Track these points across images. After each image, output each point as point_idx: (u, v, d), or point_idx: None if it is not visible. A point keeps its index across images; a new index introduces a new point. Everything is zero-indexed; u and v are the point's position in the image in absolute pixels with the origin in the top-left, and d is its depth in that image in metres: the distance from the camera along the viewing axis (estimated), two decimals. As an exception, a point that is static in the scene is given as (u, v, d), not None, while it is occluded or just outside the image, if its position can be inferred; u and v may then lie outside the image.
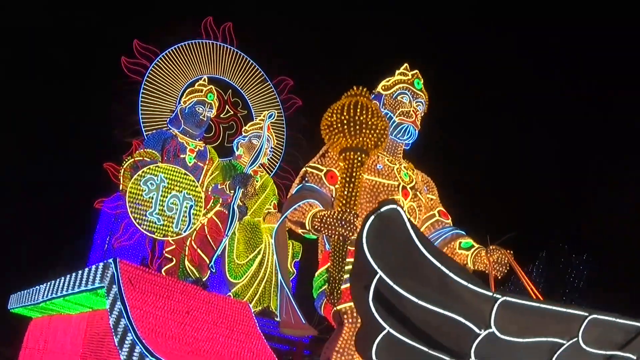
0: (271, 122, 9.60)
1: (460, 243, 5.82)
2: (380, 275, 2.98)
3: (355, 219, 4.78)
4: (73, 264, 9.61)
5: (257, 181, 9.23)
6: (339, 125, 5.06)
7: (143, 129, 9.43)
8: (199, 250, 8.13)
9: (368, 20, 14.41)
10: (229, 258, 8.57)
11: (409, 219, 3.23)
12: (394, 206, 3.21)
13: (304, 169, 5.64)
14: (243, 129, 9.78)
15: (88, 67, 13.47)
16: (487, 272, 5.51)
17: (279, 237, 5.43)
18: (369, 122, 5.05)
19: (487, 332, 3.10)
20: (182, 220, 7.24)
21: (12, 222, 12.87)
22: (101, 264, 5.86)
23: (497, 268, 5.39)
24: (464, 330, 3.12)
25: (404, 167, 5.99)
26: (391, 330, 3.01)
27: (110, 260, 5.60)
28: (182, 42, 10.00)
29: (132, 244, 7.57)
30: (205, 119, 8.99)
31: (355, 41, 13.83)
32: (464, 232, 6.06)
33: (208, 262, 7.96)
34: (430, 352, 3.11)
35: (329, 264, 5.04)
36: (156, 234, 7.13)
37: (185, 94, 9.28)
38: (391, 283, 2.97)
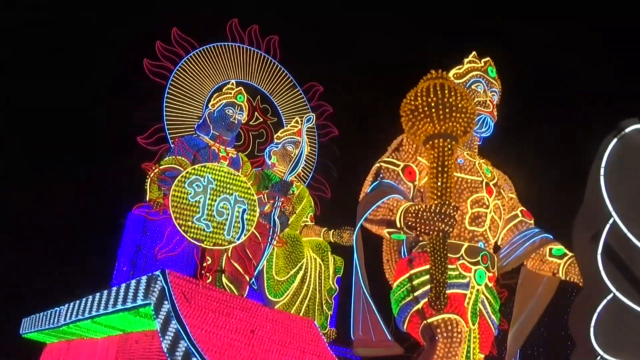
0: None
1: (551, 250, 5.34)
2: (614, 221, 2.25)
3: (455, 212, 4.26)
4: (92, 283, 8.84)
5: (292, 191, 8.53)
6: (426, 109, 4.54)
7: (168, 136, 8.73)
8: (237, 265, 7.35)
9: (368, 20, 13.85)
10: (268, 274, 7.81)
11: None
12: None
13: (376, 164, 5.06)
14: (275, 136, 9.11)
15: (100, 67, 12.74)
16: (580, 284, 5.04)
17: (359, 241, 4.76)
18: (459, 105, 4.55)
19: None
20: (234, 226, 6.44)
21: (21, 245, 11.99)
22: (144, 278, 5.08)
23: None
24: None
25: (483, 162, 5.44)
26: (618, 295, 2.31)
27: (158, 273, 4.83)
28: (207, 45, 9.36)
29: (177, 255, 6.76)
30: (236, 122, 8.31)
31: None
32: (552, 237, 5.51)
33: (248, 278, 7.22)
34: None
35: (428, 266, 4.53)
36: (205, 242, 6.29)
37: (213, 98, 8.61)
38: (626, 231, 2.25)
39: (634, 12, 11.31)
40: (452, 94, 4.58)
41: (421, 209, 4.31)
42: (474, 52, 5.90)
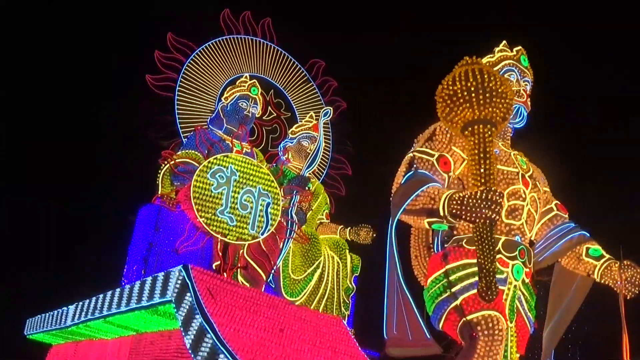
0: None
1: (588, 249, 5.15)
2: None
3: (500, 199, 4.07)
4: (99, 282, 8.54)
5: (309, 187, 8.24)
6: (465, 93, 4.36)
7: (180, 130, 8.44)
8: (253, 263, 7.04)
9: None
10: (284, 273, 7.52)
11: None
12: None
13: (409, 154, 4.86)
14: (290, 131, 8.82)
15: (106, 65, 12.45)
16: (615, 289, 4.94)
17: (392, 235, 4.49)
18: (499, 90, 4.38)
19: None
20: (258, 220, 6.12)
21: (24, 243, 11.64)
22: (163, 274, 4.77)
23: (629, 288, 4.81)
24: None
25: (517, 153, 5.26)
26: None
27: (180, 268, 4.52)
28: (219, 38, 9.10)
29: (191, 251, 6.45)
30: (250, 115, 8.03)
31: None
32: (588, 234, 5.32)
33: (265, 277, 6.91)
34: None
35: (465, 260, 4.51)
36: (229, 236, 5.95)
37: (226, 91, 8.33)
38: None
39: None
40: (492, 78, 4.41)
41: (466, 196, 4.10)
42: (504, 42, 5.72)
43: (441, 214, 4.21)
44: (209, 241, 7.52)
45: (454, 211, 4.13)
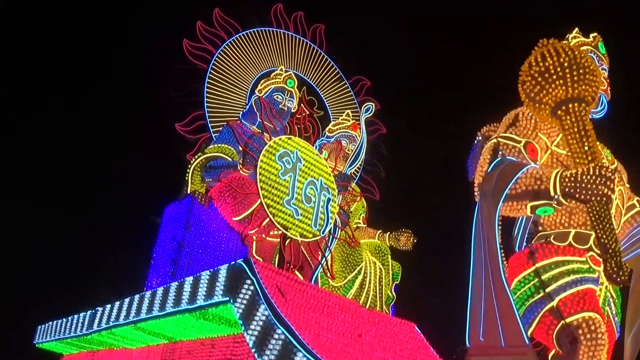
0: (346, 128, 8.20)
1: None
2: None
3: (613, 175, 3.79)
4: (117, 286, 7.91)
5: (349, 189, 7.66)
6: (558, 69, 4.04)
7: (209, 124, 7.86)
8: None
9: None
10: (323, 279, 6.87)
11: None
12: None
13: (493, 140, 4.46)
14: (327, 129, 8.26)
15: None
16: None
17: (492, 222, 3.98)
18: (591, 67, 4.10)
19: None
20: (320, 217, 5.48)
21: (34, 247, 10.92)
22: (218, 270, 4.07)
23: None
24: None
25: (602, 145, 5.01)
26: None
27: (240, 262, 3.89)
28: (250, 29, 8.56)
29: (223, 251, 5.82)
30: (285, 109, 7.47)
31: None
32: None
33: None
34: None
35: (558, 257, 4.21)
36: (291, 231, 5.28)
37: (260, 83, 7.78)
38: None
39: None
40: (583, 55, 4.11)
41: (579, 173, 3.77)
42: (576, 28, 5.40)
43: (552, 194, 3.84)
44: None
45: (566, 190, 3.78)
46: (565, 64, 4.04)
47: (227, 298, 3.89)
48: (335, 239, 6.34)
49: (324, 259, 6.41)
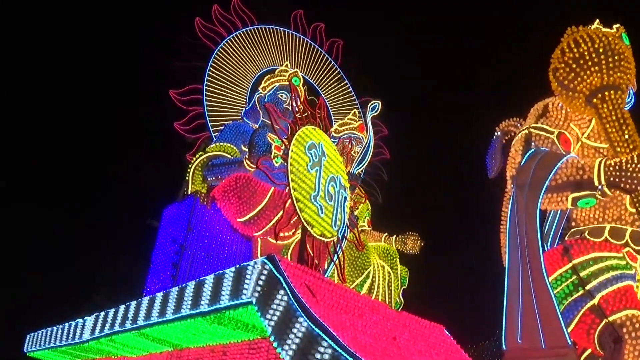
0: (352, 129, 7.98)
1: None
2: None
3: None
4: (111, 292, 7.56)
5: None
6: (593, 55, 3.91)
7: (209, 123, 7.59)
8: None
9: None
10: (330, 283, 6.61)
11: None
12: None
13: (524, 131, 4.28)
14: (333, 129, 8.02)
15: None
16: None
17: (532, 216, 3.79)
18: (626, 54, 3.98)
19: None
20: (338, 216, 5.17)
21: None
22: (237, 268, 3.73)
23: None
24: None
25: None
26: None
27: (263, 260, 3.59)
28: (250, 27, 8.32)
29: (227, 253, 5.49)
30: (290, 109, 7.20)
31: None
32: None
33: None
34: None
35: (595, 254, 4.04)
36: (315, 228, 4.91)
37: (264, 80, 7.53)
38: None
39: None
40: (617, 41, 3.99)
41: (623, 161, 3.62)
42: (597, 20, 5.27)
43: (596, 183, 3.65)
44: (247, 243, 6.64)
45: (611, 179, 3.62)
46: (601, 50, 3.92)
47: (248, 299, 3.61)
48: (346, 239, 6.08)
49: (336, 258, 6.17)
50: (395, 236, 7.60)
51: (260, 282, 3.62)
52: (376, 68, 9.99)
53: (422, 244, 7.52)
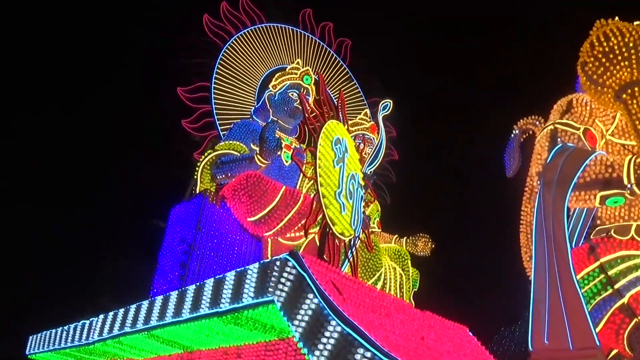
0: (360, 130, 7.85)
1: None
2: None
3: None
4: (116, 293, 7.40)
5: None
6: (624, 50, 3.79)
7: (217, 122, 7.46)
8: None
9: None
10: (341, 285, 6.47)
11: None
12: None
13: (549, 127, 4.22)
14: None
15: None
16: None
17: (559, 213, 3.68)
18: None
19: None
20: (356, 215, 5.01)
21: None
22: (260, 265, 3.57)
23: None
24: None
25: None
26: None
27: (286, 256, 3.45)
28: (258, 25, 8.21)
29: (237, 253, 5.34)
30: (300, 108, 7.07)
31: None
32: None
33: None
34: None
35: (623, 252, 3.96)
36: (337, 226, 4.77)
37: (275, 78, 7.38)
38: None
39: None
40: None
41: None
42: (616, 17, 5.21)
43: (625, 182, 3.58)
44: (257, 243, 6.49)
45: None
46: (631, 44, 3.81)
47: (269, 298, 3.46)
48: (358, 239, 5.95)
49: (351, 255, 6.02)
50: (405, 238, 7.47)
51: (283, 280, 3.49)
52: (376, 68, 9.85)
53: (433, 246, 7.38)
